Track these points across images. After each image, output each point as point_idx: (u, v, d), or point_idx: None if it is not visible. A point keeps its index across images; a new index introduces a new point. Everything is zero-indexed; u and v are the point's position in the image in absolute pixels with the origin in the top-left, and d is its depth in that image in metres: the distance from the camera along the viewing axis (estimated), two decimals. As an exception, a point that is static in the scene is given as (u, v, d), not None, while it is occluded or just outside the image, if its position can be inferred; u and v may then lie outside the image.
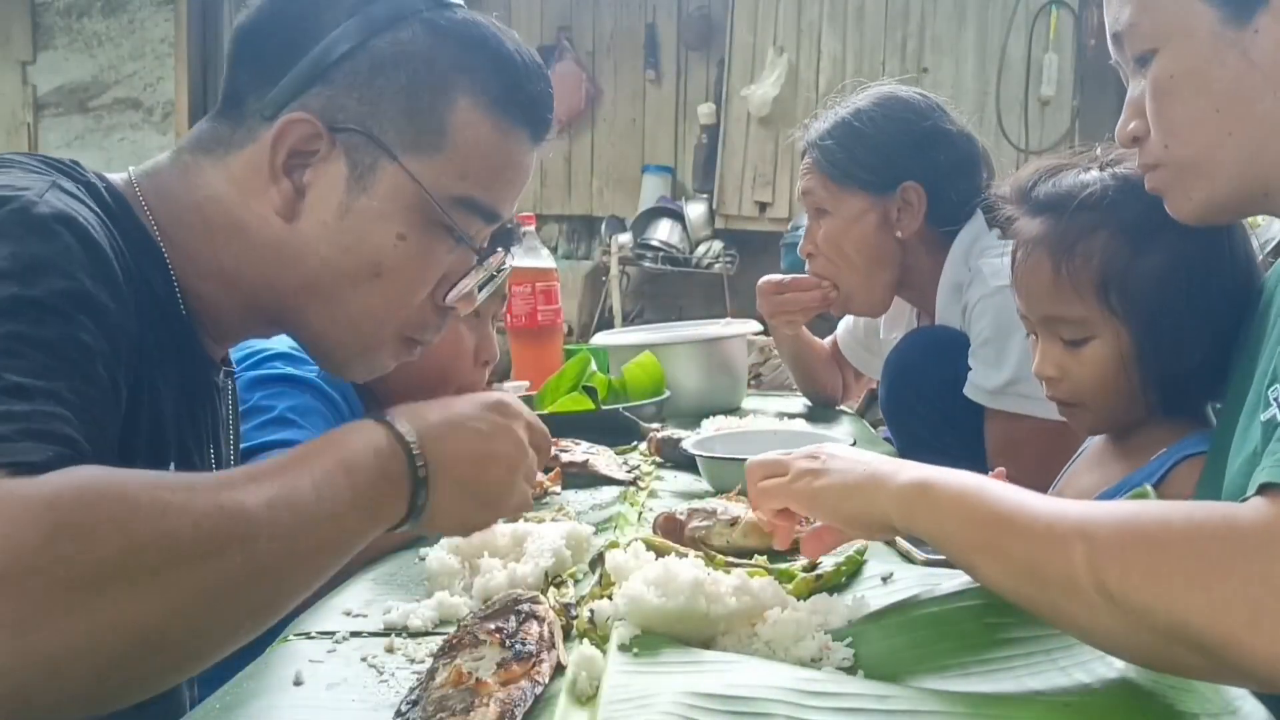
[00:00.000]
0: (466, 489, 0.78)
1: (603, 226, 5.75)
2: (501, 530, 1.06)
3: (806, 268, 1.77)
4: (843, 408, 2.11)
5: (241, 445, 1.13)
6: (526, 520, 1.08)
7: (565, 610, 0.85)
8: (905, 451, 1.67)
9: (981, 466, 1.47)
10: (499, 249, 0.95)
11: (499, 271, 0.96)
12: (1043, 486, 1.28)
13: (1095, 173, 1.13)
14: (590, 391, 1.68)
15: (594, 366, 1.80)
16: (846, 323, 2.02)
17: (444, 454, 0.75)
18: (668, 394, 1.84)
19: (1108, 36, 0.98)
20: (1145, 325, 1.08)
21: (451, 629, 0.84)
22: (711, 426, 1.74)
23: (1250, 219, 1.12)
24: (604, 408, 1.67)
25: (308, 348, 0.93)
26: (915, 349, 1.65)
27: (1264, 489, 0.68)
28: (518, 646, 0.74)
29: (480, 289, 0.94)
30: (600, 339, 2.19)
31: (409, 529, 0.77)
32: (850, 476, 0.83)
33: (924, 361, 1.62)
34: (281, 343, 1.28)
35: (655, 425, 1.69)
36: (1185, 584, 0.64)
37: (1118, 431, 1.19)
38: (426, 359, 1.30)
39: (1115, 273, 1.08)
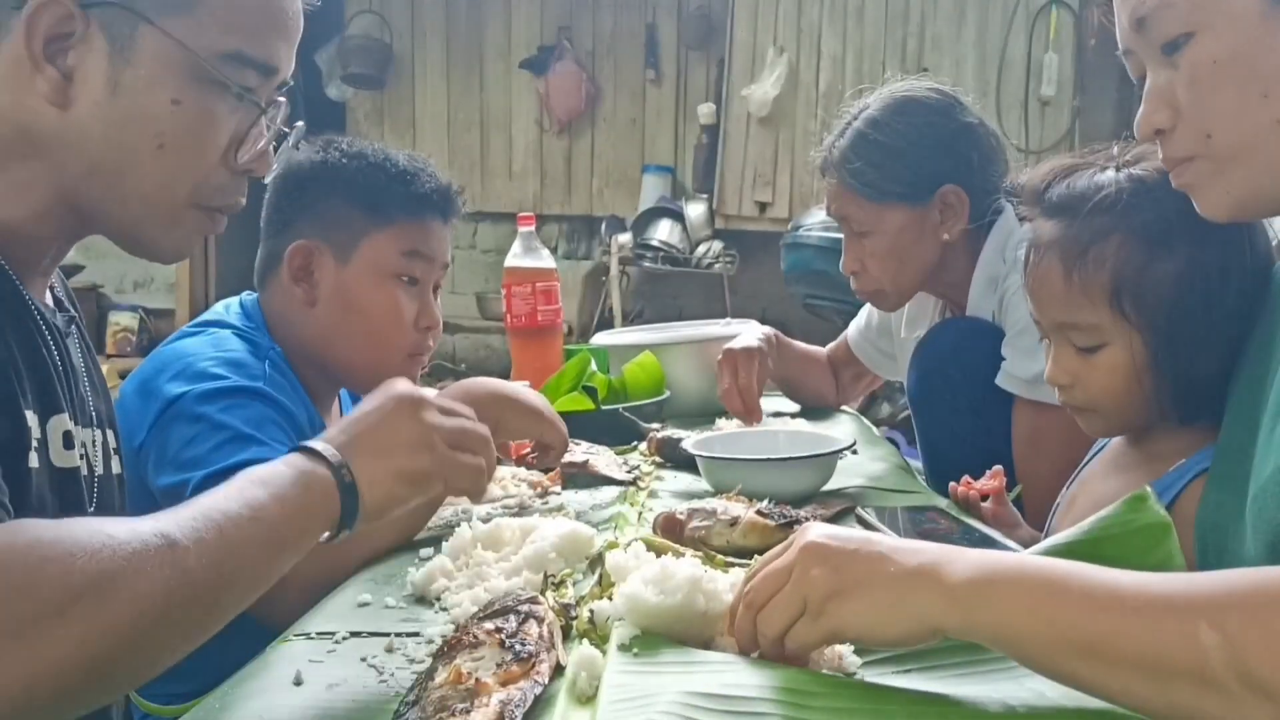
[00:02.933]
0: (389, 468, 0.84)
1: (603, 226, 5.74)
2: (509, 524, 1.06)
3: (853, 285, 1.73)
4: (845, 408, 2.10)
5: (211, 467, 1.12)
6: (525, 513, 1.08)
7: (565, 610, 0.85)
8: (930, 439, 1.66)
9: (1008, 454, 1.48)
10: (280, 101, 0.94)
11: (291, 128, 0.95)
12: (1066, 477, 1.28)
13: (1110, 174, 1.10)
14: (590, 391, 1.68)
15: (594, 366, 1.80)
16: (859, 323, 2.01)
17: (356, 448, 0.83)
18: (668, 394, 1.84)
19: (1127, 21, 0.93)
20: (1160, 332, 1.06)
21: (451, 629, 0.84)
22: (731, 425, 1.74)
23: None
24: (604, 408, 1.67)
25: (114, 237, 0.91)
26: (946, 338, 1.64)
27: None
28: (517, 647, 0.74)
29: (275, 148, 0.94)
30: (600, 339, 2.19)
31: (349, 532, 0.83)
32: (883, 589, 0.69)
33: (954, 350, 1.61)
34: (222, 346, 1.28)
35: (655, 425, 1.69)
36: None
37: (1135, 434, 1.17)
38: (362, 327, 1.35)
39: (1128, 279, 1.06)
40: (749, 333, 1.89)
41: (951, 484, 1.27)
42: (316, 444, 0.82)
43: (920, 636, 0.69)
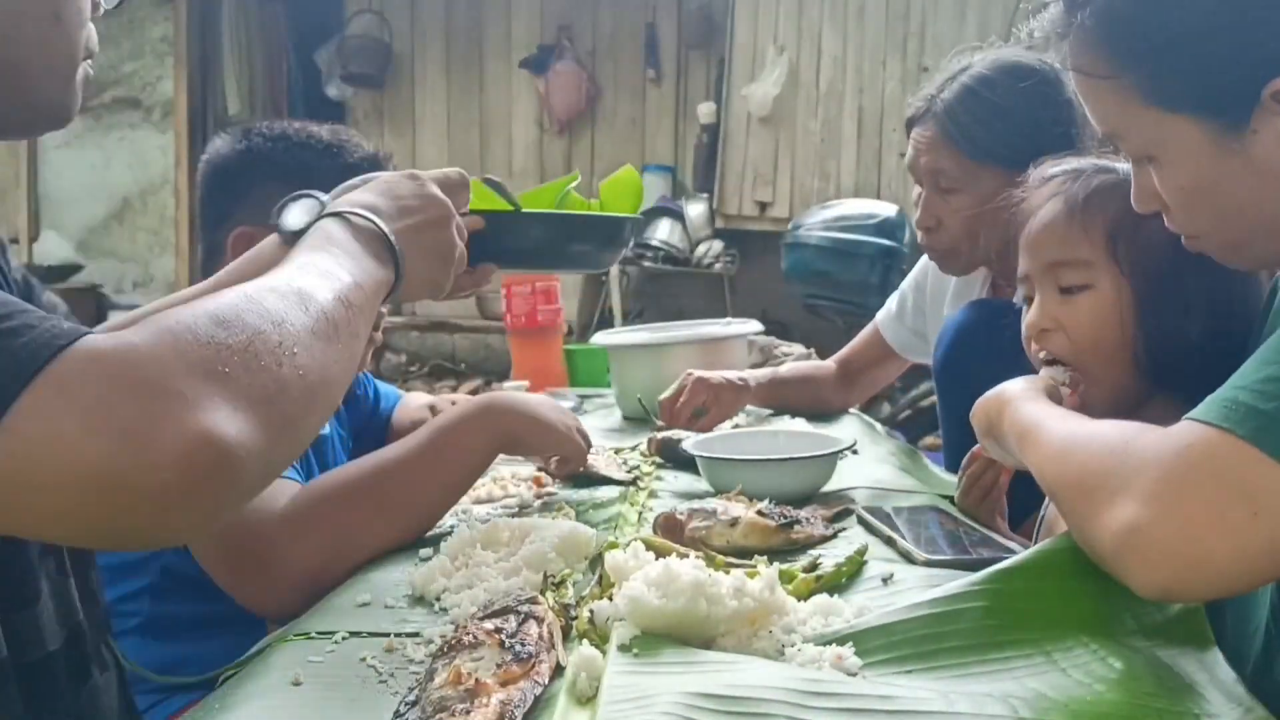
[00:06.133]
0: (424, 246, 0.93)
1: (603, 226, 5.75)
2: (508, 524, 1.06)
3: (920, 240, 1.71)
4: (852, 410, 2.10)
5: None
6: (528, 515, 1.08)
7: (565, 611, 0.85)
8: (952, 413, 1.66)
9: None
10: None
11: None
12: None
13: (1116, 162, 1.13)
14: (495, 186, 1.23)
15: (573, 190, 1.43)
16: (889, 310, 2.00)
17: (397, 224, 0.91)
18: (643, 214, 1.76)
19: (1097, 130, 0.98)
20: (1148, 281, 1.07)
21: (451, 629, 0.83)
22: (728, 425, 1.74)
23: None
24: (525, 211, 1.25)
25: (11, 129, 0.88)
26: (974, 316, 1.64)
27: (1193, 423, 0.74)
28: (517, 647, 0.74)
29: None
30: (600, 339, 2.19)
31: (392, 301, 0.91)
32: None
33: (985, 326, 1.60)
34: None
35: (657, 424, 1.69)
36: (1091, 512, 0.77)
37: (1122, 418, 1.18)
38: None
39: (1127, 225, 1.07)
40: (743, 373, 1.89)
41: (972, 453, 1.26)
42: (371, 220, 0.89)
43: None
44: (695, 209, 5.50)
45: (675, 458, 1.48)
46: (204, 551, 1.12)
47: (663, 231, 5.40)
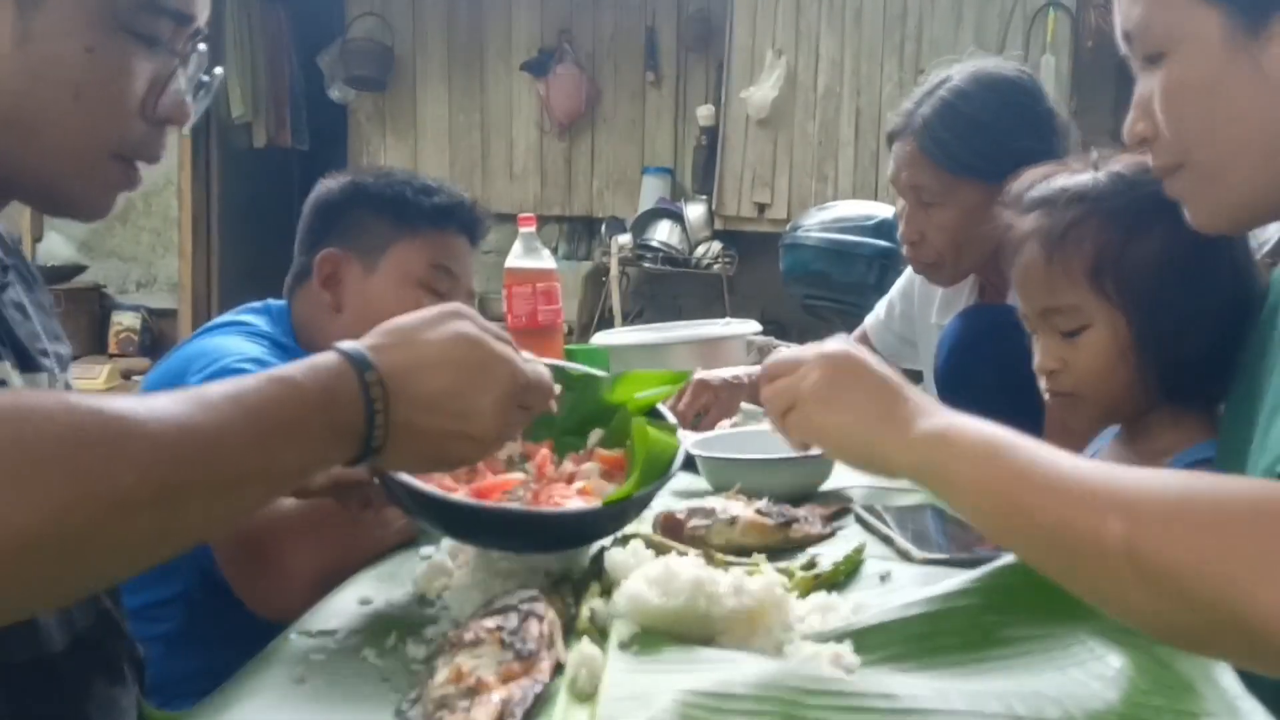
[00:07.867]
0: (427, 449, 0.79)
1: (603, 227, 5.75)
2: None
3: (905, 252, 1.71)
4: None
5: None
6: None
7: (565, 609, 0.85)
8: None
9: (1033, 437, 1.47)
10: (199, 50, 0.89)
11: (210, 75, 0.91)
12: None
13: (1088, 174, 1.13)
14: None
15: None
16: (877, 315, 2.00)
17: (408, 417, 0.76)
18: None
19: (1119, 32, 0.97)
20: (1142, 311, 1.07)
21: (452, 627, 0.84)
22: (727, 424, 1.74)
23: None
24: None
25: (32, 197, 0.88)
26: (977, 323, 1.64)
27: None
28: (518, 645, 0.75)
29: (195, 97, 0.89)
30: (600, 339, 2.19)
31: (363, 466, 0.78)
32: (859, 418, 0.79)
33: (990, 333, 1.60)
34: (250, 344, 1.31)
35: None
36: (1243, 570, 0.60)
37: (1130, 432, 1.18)
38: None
39: (1108, 258, 1.08)
40: (741, 369, 1.89)
41: None
42: (368, 373, 0.76)
43: (878, 471, 0.79)
44: (694, 210, 5.49)
45: (675, 458, 1.48)
46: (219, 553, 1.12)
47: (662, 232, 5.40)
